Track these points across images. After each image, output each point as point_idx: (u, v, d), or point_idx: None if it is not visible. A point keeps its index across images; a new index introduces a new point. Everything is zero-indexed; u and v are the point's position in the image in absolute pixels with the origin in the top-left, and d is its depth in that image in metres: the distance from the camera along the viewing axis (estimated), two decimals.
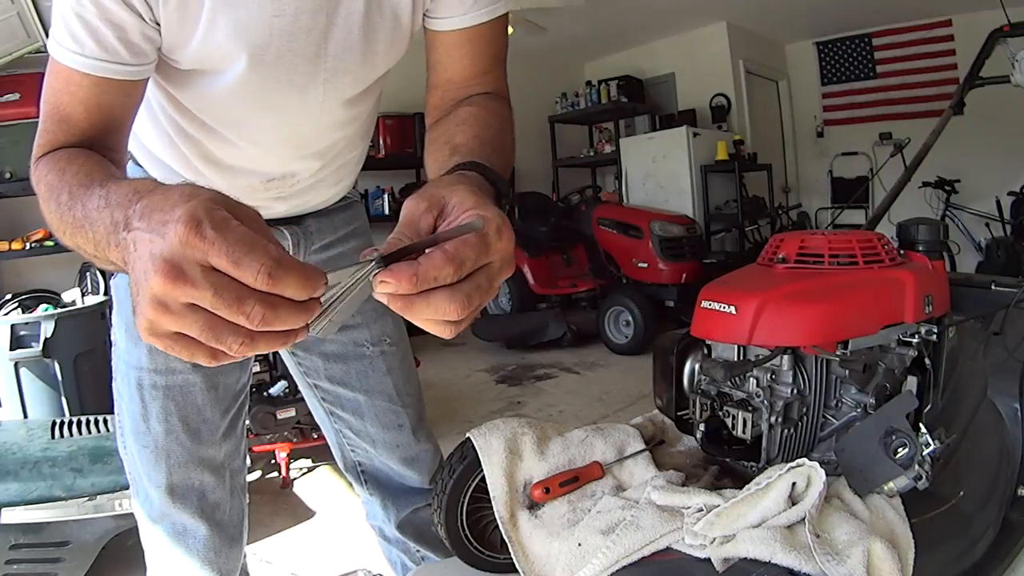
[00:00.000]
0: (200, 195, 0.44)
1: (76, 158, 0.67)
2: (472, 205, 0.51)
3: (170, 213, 0.43)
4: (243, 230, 0.42)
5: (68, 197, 0.60)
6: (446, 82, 0.86)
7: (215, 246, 0.41)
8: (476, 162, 0.66)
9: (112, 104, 0.73)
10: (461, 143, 0.73)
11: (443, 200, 0.52)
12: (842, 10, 5.90)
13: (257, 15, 0.75)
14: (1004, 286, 1.30)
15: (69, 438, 1.90)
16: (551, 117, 6.89)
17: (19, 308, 2.75)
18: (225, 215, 0.42)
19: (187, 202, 0.43)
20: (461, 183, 0.55)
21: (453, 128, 0.76)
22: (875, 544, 0.76)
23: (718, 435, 1.05)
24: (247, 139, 0.92)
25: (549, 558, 0.86)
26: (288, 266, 0.42)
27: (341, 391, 1.17)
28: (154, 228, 0.44)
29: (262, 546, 2.17)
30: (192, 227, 0.41)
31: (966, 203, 5.56)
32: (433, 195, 0.52)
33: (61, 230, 0.62)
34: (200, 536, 1.03)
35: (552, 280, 5.06)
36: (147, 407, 1.00)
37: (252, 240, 0.42)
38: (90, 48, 0.69)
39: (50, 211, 0.63)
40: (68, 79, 0.71)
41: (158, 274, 0.41)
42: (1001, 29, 2.86)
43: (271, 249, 0.42)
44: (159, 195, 0.46)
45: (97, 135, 0.73)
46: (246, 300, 0.42)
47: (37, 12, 3.17)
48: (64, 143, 0.72)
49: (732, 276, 1.12)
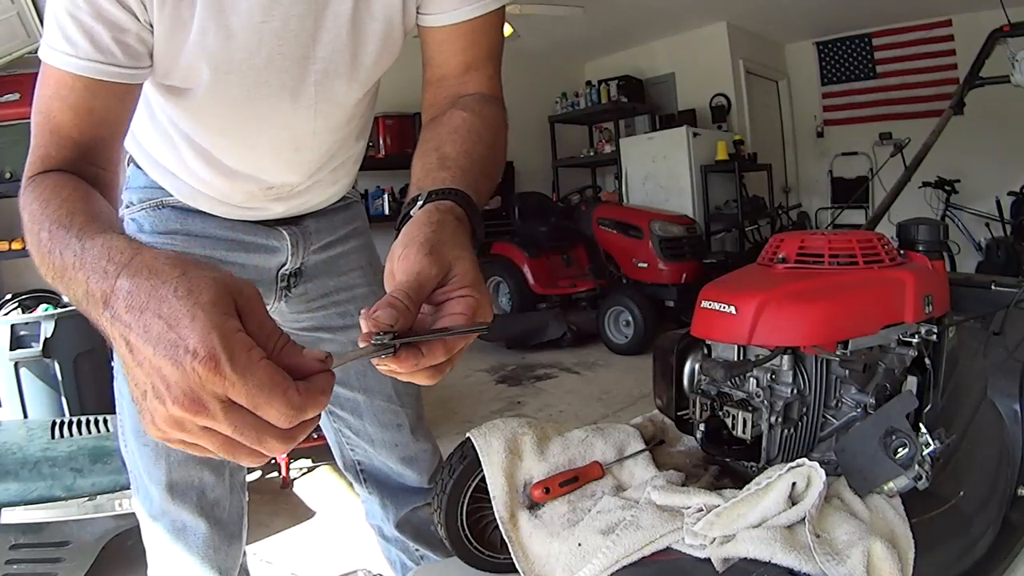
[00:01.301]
0: (202, 299, 0.42)
1: (61, 189, 0.64)
2: (471, 282, 0.54)
3: (179, 332, 0.41)
4: (263, 372, 0.42)
5: (48, 237, 0.57)
6: (440, 79, 0.86)
7: (236, 387, 0.41)
8: (466, 196, 0.65)
9: (104, 109, 0.72)
10: (451, 155, 0.72)
11: (450, 267, 0.54)
12: (842, 10, 5.90)
13: (247, 21, 0.75)
14: (1004, 286, 1.30)
15: (69, 438, 1.91)
16: (551, 117, 6.89)
17: (19, 308, 2.75)
18: (241, 345, 0.42)
19: (193, 320, 0.41)
20: (465, 252, 0.56)
21: (445, 135, 0.76)
22: (875, 544, 0.76)
23: (718, 435, 1.05)
24: (244, 143, 0.92)
25: (549, 558, 0.86)
26: (308, 401, 0.43)
27: (340, 390, 1.17)
28: (156, 342, 0.42)
29: (262, 546, 2.17)
30: (211, 367, 0.41)
31: (966, 203, 5.56)
32: (443, 260, 0.54)
33: (42, 269, 0.59)
34: (200, 533, 1.04)
35: (552, 280, 5.06)
36: None
37: (271, 384, 0.42)
38: (84, 49, 0.68)
39: (31, 244, 0.61)
40: (59, 83, 0.70)
41: (176, 404, 0.41)
42: (1001, 29, 2.86)
43: (291, 395, 0.42)
44: (146, 281, 0.44)
45: (87, 147, 0.72)
46: (265, 438, 0.43)
47: (37, 12, 3.17)
48: (55, 159, 0.71)
49: (732, 276, 1.11)
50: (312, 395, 0.44)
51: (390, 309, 0.48)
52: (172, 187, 1.01)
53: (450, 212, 0.61)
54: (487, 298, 0.55)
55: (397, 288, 0.51)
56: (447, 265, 0.54)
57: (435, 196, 0.63)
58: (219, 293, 0.43)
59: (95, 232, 0.53)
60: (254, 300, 0.46)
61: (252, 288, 0.46)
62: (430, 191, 0.64)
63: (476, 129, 0.76)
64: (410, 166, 0.77)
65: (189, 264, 0.45)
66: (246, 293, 0.45)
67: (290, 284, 1.12)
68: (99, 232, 0.53)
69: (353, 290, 1.17)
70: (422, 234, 0.56)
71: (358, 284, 1.18)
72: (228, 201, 1.01)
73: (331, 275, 1.15)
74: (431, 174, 0.69)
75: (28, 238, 0.62)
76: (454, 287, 0.54)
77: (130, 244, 0.49)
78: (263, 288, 1.09)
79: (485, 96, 0.84)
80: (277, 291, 1.11)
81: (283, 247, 1.08)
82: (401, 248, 0.55)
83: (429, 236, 0.55)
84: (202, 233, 1.03)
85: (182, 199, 1.02)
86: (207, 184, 0.98)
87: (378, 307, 0.49)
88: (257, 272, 1.08)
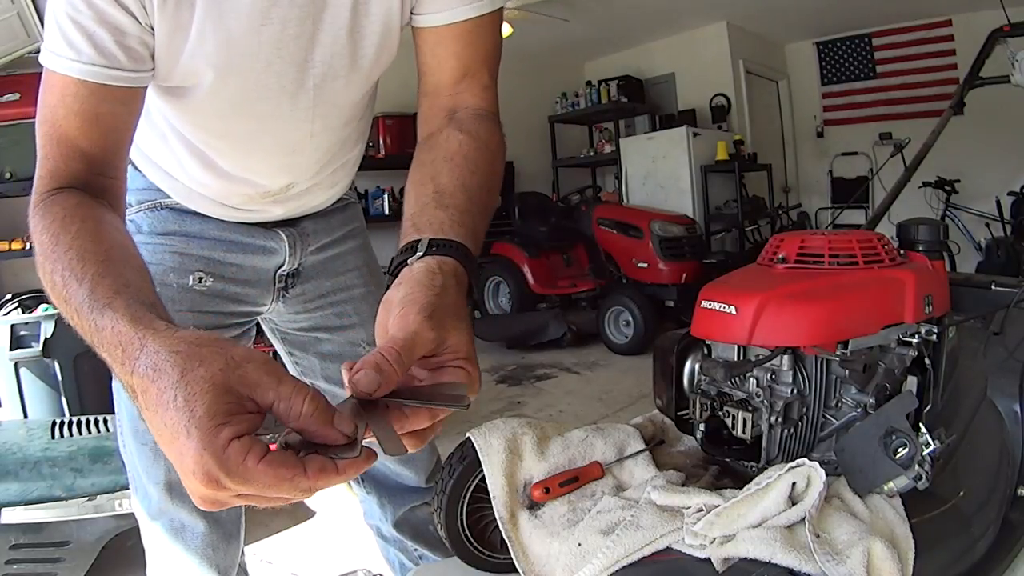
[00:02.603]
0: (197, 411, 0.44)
1: (70, 223, 0.64)
2: (466, 355, 0.55)
3: (180, 446, 0.44)
4: (262, 475, 0.43)
5: (62, 283, 0.59)
6: (434, 89, 0.83)
7: (241, 489, 0.44)
8: (466, 250, 0.64)
9: (110, 115, 0.71)
10: (447, 189, 0.70)
11: (447, 336, 0.54)
12: (842, 10, 5.90)
13: (247, 25, 0.75)
14: (1004, 286, 1.30)
15: (69, 438, 1.90)
16: (551, 117, 6.89)
17: (19, 308, 2.75)
18: (236, 457, 0.43)
19: (188, 437, 0.43)
20: (464, 324, 0.56)
21: (441, 163, 0.74)
22: (875, 544, 0.76)
23: (718, 435, 1.05)
24: (242, 147, 0.92)
25: (549, 558, 0.86)
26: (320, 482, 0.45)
27: (338, 391, 1.17)
28: (168, 446, 0.45)
29: (262, 546, 2.17)
30: (211, 484, 0.43)
31: (966, 203, 5.56)
32: (442, 328, 0.54)
33: (57, 304, 0.61)
34: (198, 532, 1.04)
35: (552, 280, 5.06)
36: None
37: (276, 480, 0.44)
38: (87, 54, 0.67)
39: (44, 280, 0.62)
40: (64, 90, 0.69)
41: (200, 485, 0.44)
42: (1001, 29, 2.85)
43: (298, 482, 0.44)
44: (152, 385, 0.46)
45: (95, 158, 0.71)
46: (290, 500, 0.46)
47: (37, 12, 3.17)
48: (64, 173, 0.70)
49: (732, 276, 1.11)
50: (325, 475, 0.45)
51: (374, 374, 0.47)
52: (169, 188, 1.01)
53: (452, 274, 0.60)
54: (478, 373, 0.55)
55: (389, 345, 0.50)
56: (445, 334, 0.54)
57: (435, 248, 0.62)
58: (214, 398, 0.44)
59: (103, 304, 0.54)
60: (264, 372, 0.46)
61: (259, 357, 0.46)
62: (430, 240, 0.63)
63: (472, 158, 0.75)
64: (410, 166, 0.77)
65: (191, 358, 0.46)
66: (251, 372, 0.45)
67: (288, 285, 1.12)
68: (107, 305, 0.54)
69: (350, 290, 1.17)
70: (424, 297, 0.55)
71: (355, 285, 1.18)
72: (225, 203, 1.01)
73: (328, 276, 1.15)
74: (427, 211, 0.67)
75: (40, 270, 0.63)
76: (449, 357, 0.54)
77: (136, 333, 0.50)
78: (261, 289, 1.09)
79: (481, 113, 0.82)
80: (275, 292, 1.11)
81: (281, 248, 1.08)
82: (400, 306, 0.54)
83: (432, 300, 0.55)
84: (200, 234, 1.03)
85: (179, 200, 1.02)
86: (204, 186, 0.98)
87: (363, 366, 0.48)
88: (255, 273, 1.08)
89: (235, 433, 0.43)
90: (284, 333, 1.20)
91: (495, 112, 0.84)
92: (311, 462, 0.45)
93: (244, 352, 0.47)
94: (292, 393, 0.45)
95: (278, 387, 0.45)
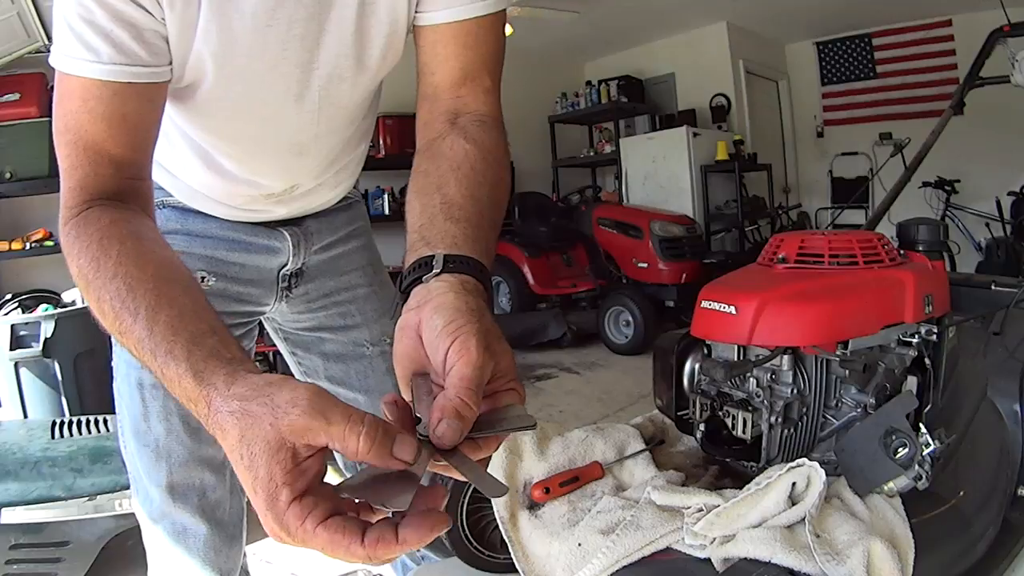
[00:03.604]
0: (259, 473, 0.45)
1: (109, 246, 0.62)
2: (513, 375, 0.55)
3: (254, 501, 0.46)
4: (320, 538, 0.45)
5: (112, 313, 0.58)
6: (434, 91, 0.81)
7: (304, 546, 0.46)
8: (484, 268, 0.61)
9: (136, 115, 0.70)
10: (456, 200, 0.67)
11: (498, 359, 0.53)
12: (842, 10, 5.90)
13: (251, 25, 0.74)
14: (1004, 286, 1.30)
15: (69, 438, 1.90)
16: (551, 117, 6.89)
17: (19, 308, 2.75)
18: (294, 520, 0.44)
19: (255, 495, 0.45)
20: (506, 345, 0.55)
21: (447, 172, 0.70)
22: (875, 544, 0.76)
23: (718, 435, 1.05)
24: (248, 149, 0.92)
25: (549, 558, 0.86)
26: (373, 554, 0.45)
27: (341, 391, 1.17)
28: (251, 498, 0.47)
29: (262, 546, 2.16)
30: (279, 538, 0.46)
31: (966, 203, 5.55)
32: (496, 356, 0.53)
33: (111, 332, 0.60)
34: (200, 535, 1.04)
35: (552, 280, 5.07)
36: (147, 406, 1.00)
37: (332, 544, 0.45)
38: (107, 53, 0.66)
39: (90, 303, 0.61)
40: (85, 94, 0.67)
41: (272, 533, 0.46)
42: (1001, 29, 2.85)
43: (354, 550, 0.45)
44: (223, 440, 0.47)
45: (125, 161, 0.70)
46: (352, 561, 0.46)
47: (37, 12, 3.17)
48: (94, 183, 0.68)
49: (732, 276, 1.12)
50: (384, 545, 0.44)
51: (457, 423, 0.47)
52: (172, 187, 1.01)
53: (480, 295, 0.58)
54: (524, 390, 0.55)
55: (463, 385, 0.48)
56: (496, 359, 0.53)
57: (452, 265, 0.59)
58: (269, 458, 0.45)
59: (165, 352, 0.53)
60: (311, 416, 0.45)
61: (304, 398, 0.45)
62: (446, 256, 0.60)
63: (480, 169, 0.71)
64: (410, 166, 0.76)
65: (244, 418, 0.46)
66: (299, 419, 0.45)
67: (291, 284, 1.12)
68: (168, 353, 0.53)
69: (354, 290, 1.17)
70: (472, 326, 0.52)
71: (359, 284, 1.18)
72: (228, 203, 1.01)
73: (332, 275, 1.15)
74: (437, 223, 0.64)
75: (84, 293, 0.62)
76: (502, 383, 0.53)
77: (202, 393, 0.50)
78: (264, 288, 1.09)
79: (484, 119, 0.79)
80: (278, 291, 1.11)
81: (284, 248, 1.08)
82: (449, 337, 0.51)
83: (479, 328, 0.53)
84: (203, 233, 1.03)
85: (182, 199, 1.01)
86: (207, 186, 0.98)
87: (442, 414, 0.47)
88: (258, 272, 1.08)
89: (293, 494, 0.44)
90: (287, 333, 1.20)
91: (498, 117, 0.82)
92: (370, 532, 0.45)
93: (288, 396, 0.46)
94: (344, 433, 0.44)
95: (328, 429, 0.44)
